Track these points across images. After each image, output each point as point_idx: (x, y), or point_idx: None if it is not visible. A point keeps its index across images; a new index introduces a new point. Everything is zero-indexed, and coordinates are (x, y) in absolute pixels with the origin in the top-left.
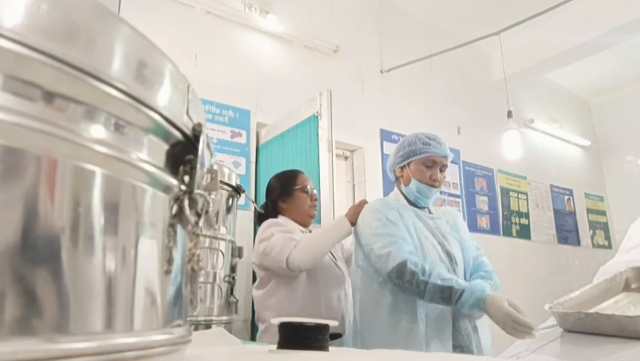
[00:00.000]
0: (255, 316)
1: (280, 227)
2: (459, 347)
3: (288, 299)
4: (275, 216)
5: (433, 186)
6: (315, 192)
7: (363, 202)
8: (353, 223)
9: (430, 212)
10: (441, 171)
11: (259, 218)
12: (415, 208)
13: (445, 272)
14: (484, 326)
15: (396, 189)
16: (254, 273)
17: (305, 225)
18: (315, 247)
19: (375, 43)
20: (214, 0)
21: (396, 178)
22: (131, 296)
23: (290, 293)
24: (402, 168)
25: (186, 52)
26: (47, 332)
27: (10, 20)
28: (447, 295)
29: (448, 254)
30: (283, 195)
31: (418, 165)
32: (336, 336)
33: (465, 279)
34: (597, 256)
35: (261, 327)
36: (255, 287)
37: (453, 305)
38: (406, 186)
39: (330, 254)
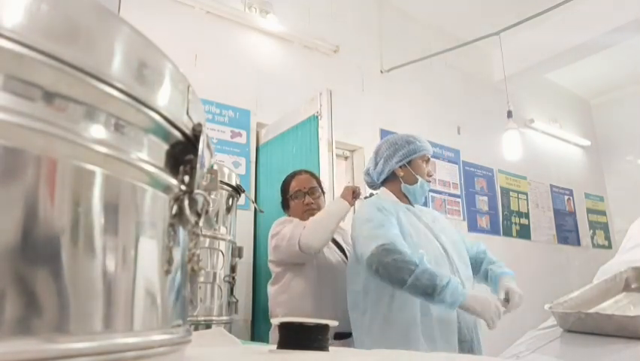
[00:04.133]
0: (269, 312)
1: (291, 223)
2: (464, 341)
3: (299, 296)
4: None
5: (429, 181)
6: (308, 193)
7: (355, 187)
8: (350, 203)
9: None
10: None
11: None
12: (409, 206)
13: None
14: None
15: (384, 189)
16: (254, 273)
17: None
18: (322, 224)
19: (375, 44)
20: (214, 0)
21: (386, 179)
22: (131, 296)
23: (302, 290)
24: (401, 167)
25: (186, 52)
26: (47, 332)
27: (10, 20)
28: (432, 283)
29: (445, 251)
30: (284, 206)
31: (418, 163)
32: (346, 336)
33: (459, 274)
34: (597, 256)
35: (273, 323)
36: (270, 283)
37: (436, 294)
38: (411, 184)
39: (340, 253)
